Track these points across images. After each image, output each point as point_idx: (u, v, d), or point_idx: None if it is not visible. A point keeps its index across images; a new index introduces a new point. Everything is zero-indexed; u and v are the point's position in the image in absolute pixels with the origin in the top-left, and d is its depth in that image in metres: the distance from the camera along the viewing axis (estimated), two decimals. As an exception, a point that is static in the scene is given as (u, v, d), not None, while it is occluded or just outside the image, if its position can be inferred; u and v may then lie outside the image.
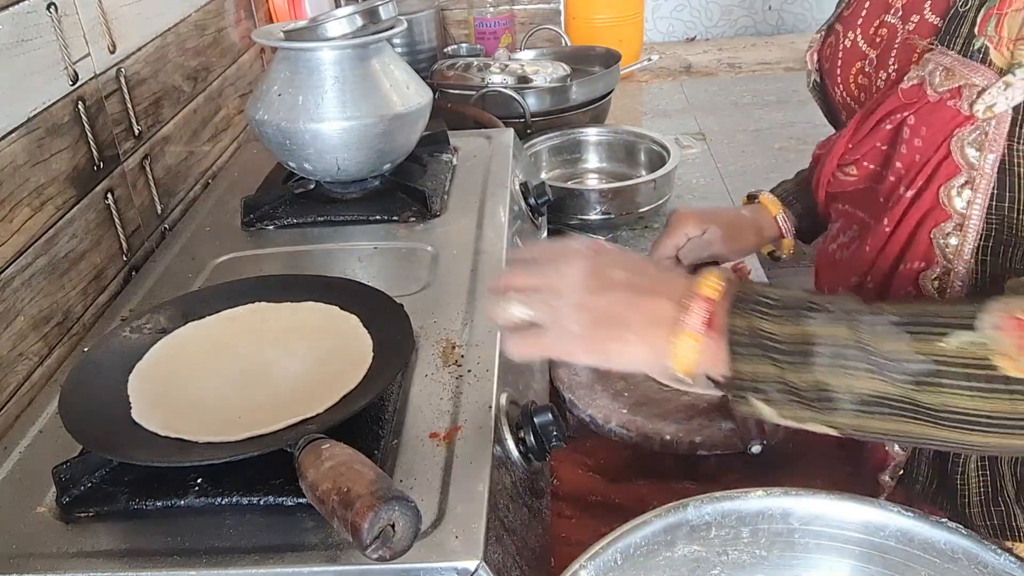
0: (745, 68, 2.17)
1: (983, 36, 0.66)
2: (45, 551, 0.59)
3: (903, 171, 0.73)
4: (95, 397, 0.68)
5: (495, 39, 1.99)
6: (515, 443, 0.69)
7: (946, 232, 0.70)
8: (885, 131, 0.74)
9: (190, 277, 0.92)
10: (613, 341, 0.62)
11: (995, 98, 0.64)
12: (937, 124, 0.68)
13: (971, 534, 0.57)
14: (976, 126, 0.66)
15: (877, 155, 0.77)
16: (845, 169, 0.81)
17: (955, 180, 0.68)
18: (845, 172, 0.82)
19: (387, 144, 1.01)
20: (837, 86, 0.85)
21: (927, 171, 0.70)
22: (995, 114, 0.65)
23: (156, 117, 1.12)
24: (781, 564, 0.62)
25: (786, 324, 0.59)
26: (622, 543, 0.58)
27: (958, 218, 0.69)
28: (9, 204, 0.81)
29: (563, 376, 0.93)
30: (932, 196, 0.70)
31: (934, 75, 0.68)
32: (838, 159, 0.81)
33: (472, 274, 0.87)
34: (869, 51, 0.80)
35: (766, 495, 0.61)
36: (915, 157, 0.71)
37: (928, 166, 0.70)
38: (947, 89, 0.67)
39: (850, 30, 0.83)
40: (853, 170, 0.80)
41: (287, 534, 0.58)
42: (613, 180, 1.45)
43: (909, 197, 0.72)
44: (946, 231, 0.70)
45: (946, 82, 0.67)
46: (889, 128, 0.74)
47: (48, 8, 0.88)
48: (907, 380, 0.55)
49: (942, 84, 0.68)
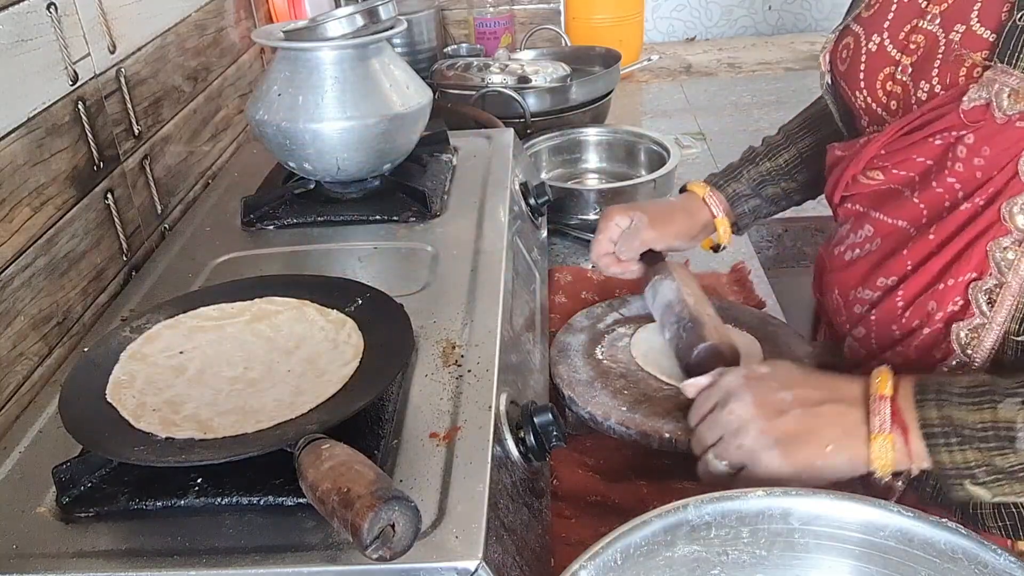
0: (745, 68, 2.17)
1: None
2: (45, 551, 0.59)
3: (956, 185, 0.72)
4: (95, 397, 0.68)
5: (495, 39, 1.99)
6: (515, 443, 0.69)
7: (1003, 246, 0.70)
8: (932, 146, 0.73)
9: (190, 277, 0.92)
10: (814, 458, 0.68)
11: None
12: (1003, 144, 0.68)
13: (971, 534, 0.57)
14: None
15: (914, 166, 0.76)
16: (870, 173, 0.81)
17: (1019, 198, 0.68)
18: (869, 176, 0.81)
19: (387, 144, 1.01)
20: (860, 91, 0.83)
21: (989, 188, 0.69)
22: None
23: (156, 117, 1.12)
24: (781, 564, 0.62)
25: (980, 411, 0.64)
26: (622, 543, 0.58)
27: (1018, 235, 0.69)
28: (9, 204, 0.81)
29: (563, 373, 0.93)
30: (994, 212, 0.70)
31: (1001, 96, 0.67)
32: (866, 163, 0.80)
33: (472, 274, 0.87)
34: (901, 58, 0.78)
35: (766, 495, 0.61)
36: (975, 174, 0.70)
37: (991, 183, 0.69)
38: (1017, 112, 0.66)
39: (875, 33, 0.81)
40: (879, 175, 0.80)
41: (287, 534, 0.58)
42: (613, 180, 1.45)
43: (965, 211, 0.71)
44: (1003, 245, 0.70)
45: (1016, 104, 0.66)
46: (939, 144, 0.73)
47: (48, 8, 0.88)
48: None
49: (1012, 106, 0.66)
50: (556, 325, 1.06)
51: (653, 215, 0.99)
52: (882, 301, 0.79)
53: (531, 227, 1.12)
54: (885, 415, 0.66)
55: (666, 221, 1.00)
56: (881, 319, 0.80)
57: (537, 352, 0.91)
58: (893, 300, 0.78)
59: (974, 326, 0.72)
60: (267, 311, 0.78)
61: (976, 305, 0.72)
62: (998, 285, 0.70)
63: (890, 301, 0.78)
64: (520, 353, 0.83)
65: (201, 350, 0.74)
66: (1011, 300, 0.70)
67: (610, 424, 0.85)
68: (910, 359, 0.78)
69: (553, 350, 0.98)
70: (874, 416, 0.66)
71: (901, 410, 0.66)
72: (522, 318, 0.89)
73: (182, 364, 0.72)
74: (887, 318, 0.79)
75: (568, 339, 0.99)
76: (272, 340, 0.75)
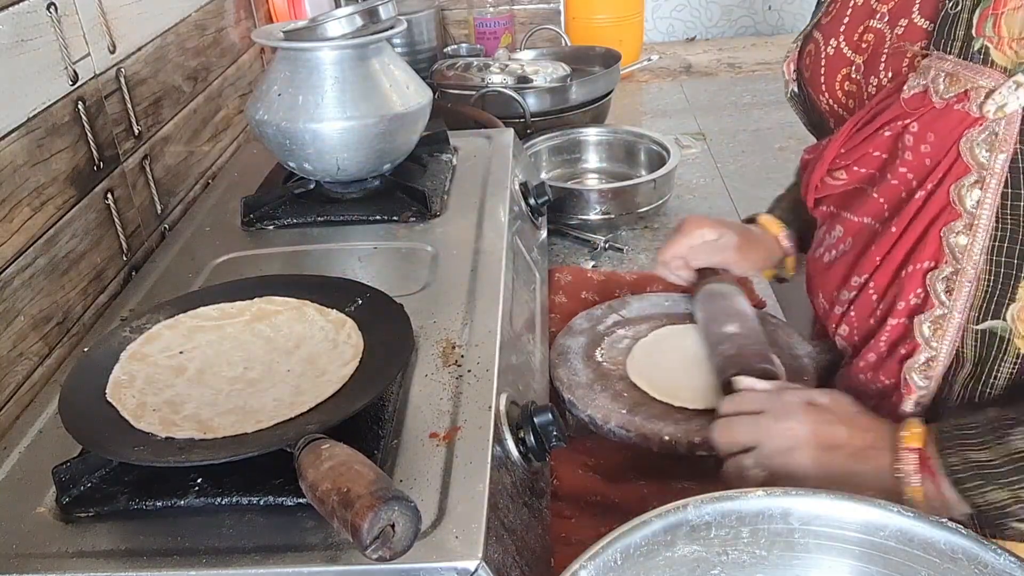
0: (745, 68, 2.17)
1: (982, 37, 0.66)
2: (45, 551, 0.59)
3: (909, 175, 0.73)
4: (95, 397, 0.68)
5: (495, 39, 1.99)
6: (515, 443, 0.69)
7: (956, 231, 0.70)
8: (883, 138, 0.74)
9: (190, 277, 0.92)
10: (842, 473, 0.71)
11: (1006, 98, 0.64)
12: (945, 129, 0.68)
13: (971, 534, 0.57)
14: (985, 127, 0.66)
15: (871, 161, 0.77)
16: (834, 174, 0.82)
17: (965, 179, 0.68)
18: (834, 177, 0.82)
19: (387, 144, 1.01)
20: (822, 94, 0.85)
21: (938, 173, 0.70)
22: (1006, 114, 0.65)
23: (156, 117, 1.12)
24: (781, 564, 0.62)
25: (994, 447, 0.66)
26: (622, 543, 0.58)
27: (968, 217, 0.69)
28: (9, 204, 0.81)
29: (563, 376, 0.93)
30: (943, 196, 0.70)
31: (937, 81, 0.68)
32: (828, 164, 0.81)
33: (472, 274, 0.87)
34: (855, 57, 0.80)
35: (766, 495, 0.61)
36: (924, 161, 0.71)
37: (939, 168, 0.70)
38: (953, 94, 0.67)
39: (832, 37, 0.83)
40: (843, 175, 0.81)
41: (287, 534, 0.58)
42: (613, 180, 1.45)
43: (919, 198, 0.72)
44: (955, 230, 0.70)
45: (952, 87, 0.67)
46: (888, 135, 0.74)
47: (48, 8, 0.88)
48: None
49: (948, 90, 0.67)
50: (556, 325, 1.06)
51: (741, 240, 0.99)
52: (858, 298, 0.80)
53: (531, 227, 1.12)
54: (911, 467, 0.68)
55: (752, 249, 1.00)
56: (859, 315, 0.81)
57: (537, 352, 0.91)
58: (867, 295, 0.79)
59: (935, 317, 0.73)
60: (267, 311, 0.78)
61: (935, 295, 0.72)
62: (954, 272, 0.71)
63: (864, 296, 0.79)
64: (520, 353, 0.83)
65: (201, 350, 0.74)
66: (968, 286, 0.71)
67: (610, 427, 0.85)
68: (881, 355, 0.79)
69: (553, 353, 0.98)
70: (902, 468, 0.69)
71: (929, 459, 0.68)
72: (522, 318, 0.89)
73: (182, 364, 0.72)
74: (864, 313, 0.80)
75: (568, 342, 0.99)
76: (272, 340, 0.75)
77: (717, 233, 0.98)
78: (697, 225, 0.99)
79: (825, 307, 0.87)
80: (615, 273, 1.20)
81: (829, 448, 0.72)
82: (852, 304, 0.81)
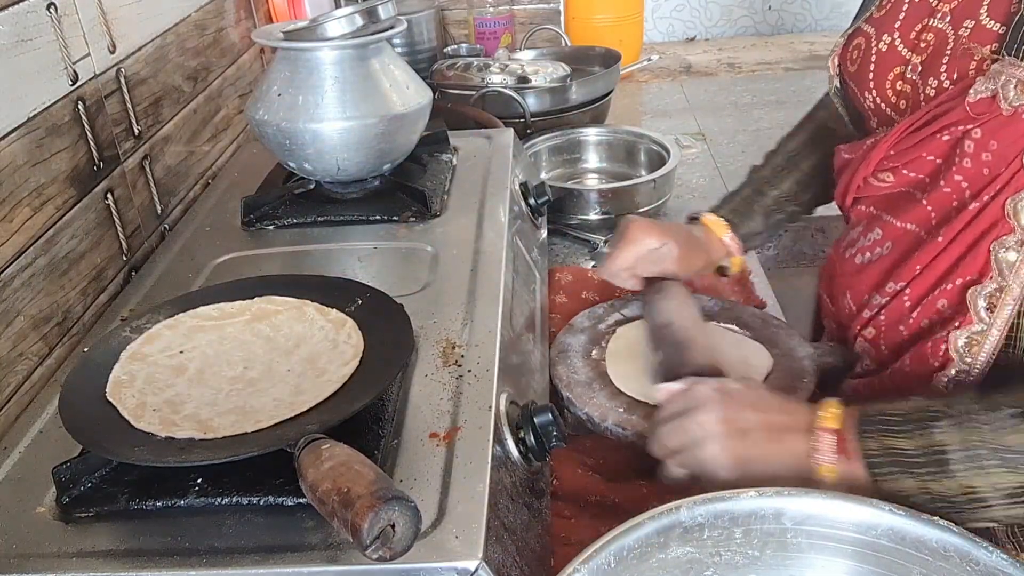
0: (745, 68, 2.17)
1: None
2: (45, 551, 0.59)
3: (963, 184, 0.71)
4: (95, 397, 0.68)
5: (495, 39, 1.99)
6: (515, 443, 0.69)
7: (1007, 246, 0.68)
8: (940, 142, 0.72)
9: (190, 277, 0.92)
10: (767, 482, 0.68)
11: None
12: (1010, 138, 0.67)
13: (962, 532, 0.57)
14: None
15: (924, 165, 0.75)
16: (880, 175, 0.79)
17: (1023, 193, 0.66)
18: (880, 179, 0.80)
19: (387, 144, 1.01)
20: (869, 91, 0.82)
21: (996, 184, 0.68)
22: None
23: (156, 117, 1.12)
24: (774, 564, 0.62)
25: (916, 437, 0.64)
26: (615, 545, 0.58)
27: (1021, 233, 0.67)
28: (9, 204, 0.81)
29: (562, 374, 0.93)
30: (997, 208, 0.68)
31: (1008, 87, 0.66)
32: (875, 165, 0.79)
33: (472, 274, 0.87)
34: (911, 56, 0.77)
35: (758, 495, 0.61)
36: (982, 171, 0.69)
37: (998, 180, 0.68)
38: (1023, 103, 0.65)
39: (885, 33, 0.80)
40: (890, 177, 0.78)
41: (287, 534, 0.58)
42: (613, 180, 1.45)
43: (972, 210, 0.70)
44: (1006, 245, 0.68)
45: (1022, 95, 0.65)
46: (946, 140, 0.71)
47: (48, 8, 0.88)
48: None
49: (1018, 97, 0.65)
50: (556, 325, 1.06)
51: (683, 250, 0.97)
52: (890, 304, 0.79)
53: (531, 227, 1.12)
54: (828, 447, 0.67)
55: (690, 259, 0.99)
56: (889, 321, 0.79)
57: (537, 352, 0.91)
58: (901, 302, 0.78)
59: (972, 333, 0.71)
60: (267, 311, 0.78)
61: (974, 310, 0.71)
62: (998, 289, 0.69)
63: (898, 303, 0.78)
64: (520, 353, 0.83)
65: (201, 350, 0.74)
66: (1011, 305, 0.69)
67: (607, 425, 0.85)
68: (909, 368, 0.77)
69: (553, 351, 0.97)
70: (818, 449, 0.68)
71: (847, 442, 0.67)
72: (522, 318, 0.89)
73: (182, 364, 0.72)
74: (895, 320, 0.79)
75: (568, 340, 0.99)
76: (272, 340, 0.75)
77: (660, 242, 0.96)
78: (642, 234, 0.96)
79: (852, 308, 0.85)
80: (615, 273, 1.20)
81: (739, 434, 0.70)
82: (883, 309, 0.80)
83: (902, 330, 0.78)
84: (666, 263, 0.97)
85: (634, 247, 0.96)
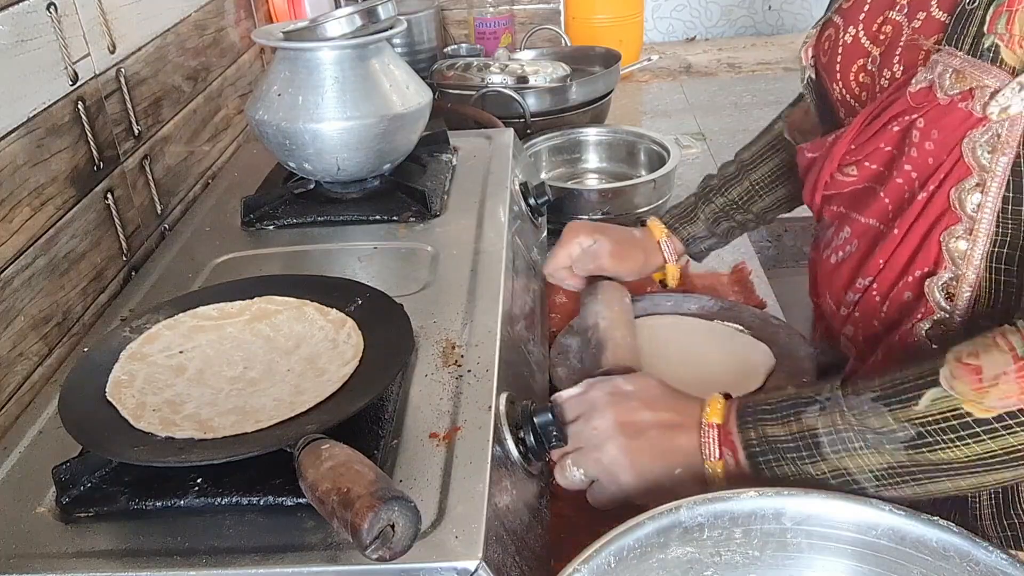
0: (745, 68, 2.17)
1: (993, 34, 0.64)
2: (45, 551, 0.59)
3: (913, 174, 0.72)
4: (95, 397, 0.68)
5: (495, 39, 1.99)
6: (515, 443, 0.69)
7: (956, 236, 0.69)
8: (892, 133, 0.73)
9: (190, 277, 0.92)
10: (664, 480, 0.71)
11: (1009, 99, 0.63)
12: (948, 127, 0.67)
13: (963, 531, 0.57)
14: (988, 128, 0.64)
15: (881, 156, 0.76)
16: (845, 170, 0.80)
17: (966, 182, 0.67)
18: (845, 173, 0.80)
19: (387, 144, 1.01)
20: (836, 82, 0.83)
21: (940, 174, 0.69)
22: (1009, 116, 0.63)
23: (156, 117, 1.12)
24: (774, 564, 0.62)
25: (789, 423, 0.66)
26: (615, 546, 0.58)
27: (968, 221, 0.68)
28: (9, 204, 0.81)
29: (562, 375, 0.93)
30: (943, 199, 0.69)
31: (944, 77, 0.66)
32: (839, 159, 0.80)
33: (472, 274, 0.87)
34: (872, 48, 0.78)
35: (758, 495, 0.61)
36: (927, 160, 0.70)
37: (941, 169, 0.68)
38: (958, 92, 0.66)
39: (851, 24, 0.81)
40: (854, 171, 0.79)
41: (287, 534, 0.58)
42: (613, 180, 1.45)
43: (921, 200, 0.71)
44: (956, 234, 0.69)
45: (957, 84, 0.66)
46: (896, 130, 0.72)
47: (48, 8, 0.88)
48: (900, 448, 0.61)
49: (952, 87, 0.66)
50: (556, 325, 1.06)
51: (615, 246, 1.01)
52: (862, 300, 0.80)
53: (531, 227, 1.12)
54: (713, 442, 0.69)
55: (624, 256, 1.01)
56: (863, 317, 0.80)
57: (537, 352, 0.91)
58: (871, 298, 0.78)
59: (935, 321, 0.72)
60: (267, 311, 0.78)
61: (934, 301, 0.71)
62: (954, 278, 0.70)
63: (868, 299, 0.79)
64: (520, 353, 0.83)
65: (201, 350, 0.74)
66: (968, 291, 0.69)
67: (608, 424, 0.85)
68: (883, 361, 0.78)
69: (553, 351, 0.98)
70: (706, 444, 0.69)
71: (730, 434, 0.69)
72: (522, 318, 0.89)
73: (182, 364, 0.72)
74: (868, 316, 0.79)
75: (568, 341, 0.99)
76: (272, 340, 0.75)
77: (592, 239, 1.00)
78: (574, 233, 1.01)
79: (832, 308, 0.86)
80: (615, 273, 1.20)
81: (635, 434, 0.72)
82: (856, 306, 0.80)
83: (875, 324, 0.79)
84: (600, 260, 1.00)
85: (567, 247, 1.01)
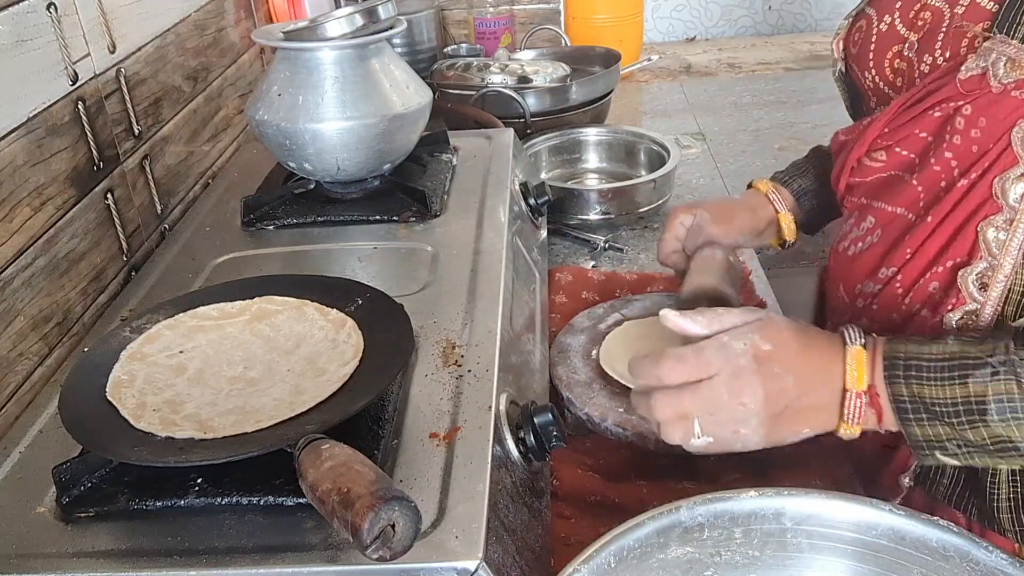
0: (745, 68, 2.18)
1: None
2: (45, 551, 0.59)
3: (953, 161, 0.71)
4: (95, 397, 0.68)
5: (495, 39, 1.99)
6: (515, 443, 0.69)
7: (995, 225, 0.68)
8: (932, 119, 0.73)
9: (190, 277, 0.92)
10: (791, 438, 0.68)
11: None
12: (999, 115, 0.67)
13: (962, 532, 0.57)
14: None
15: (916, 143, 0.75)
16: (874, 155, 0.80)
17: (1011, 171, 0.67)
18: (873, 158, 0.80)
19: (387, 144, 1.01)
20: (869, 70, 0.83)
21: (984, 162, 0.68)
22: None
23: (156, 117, 1.12)
24: (774, 564, 0.62)
25: (953, 387, 0.63)
26: (615, 546, 0.58)
27: (1009, 212, 0.67)
28: (9, 204, 0.81)
29: (562, 375, 0.93)
30: (986, 187, 0.68)
31: (998, 65, 0.66)
32: (870, 143, 0.79)
33: (472, 274, 0.87)
34: (909, 35, 0.78)
35: (758, 495, 0.61)
36: (971, 148, 0.69)
37: (986, 157, 0.68)
38: (1013, 80, 0.66)
39: (886, 13, 0.81)
40: (883, 156, 0.79)
41: (287, 534, 0.58)
42: (613, 180, 1.45)
43: (961, 188, 0.70)
44: (995, 224, 0.68)
45: (1012, 72, 0.66)
46: (938, 116, 0.72)
47: (48, 8, 0.88)
48: None
49: (1008, 75, 0.66)
50: (556, 325, 1.06)
51: (716, 212, 0.98)
52: (883, 291, 0.79)
53: (531, 227, 1.12)
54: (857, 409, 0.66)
55: (729, 218, 0.98)
56: (882, 309, 0.80)
57: (537, 352, 0.91)
58: (893, 289, 0.78)
59: (966, 312, 0.71)
60: (267, 311, 0.78)
61: (966, 291, 0.71)
62: (989, 268, 0.69)
63: (890, 290, 0.78)
64: (520, 353, 0.83)
65: (201, 350, 0.74)
66: (1003, 282, 0.69)
67: (607, 425, 0.85)
68: None
69: (553, 351, 0.98)
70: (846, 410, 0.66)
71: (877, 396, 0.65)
72: (522, 318, 0.89)
73: (182, 364, 0.72)
74: (888, 307, 0.79)
75: (568, 340, 0.99)
76: (272, 340, 0.75)
77: (691, 215, 0.98)
78: (674, 216, 0.99)
79: (845, 299, 0.85)
80: (615, 273, 1.20)
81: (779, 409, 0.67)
82: (876, 297, 0.80)
83: (895, 317, 0.78)
84: (706, 229, 0.97)
85: (671, 230, 0.99)
